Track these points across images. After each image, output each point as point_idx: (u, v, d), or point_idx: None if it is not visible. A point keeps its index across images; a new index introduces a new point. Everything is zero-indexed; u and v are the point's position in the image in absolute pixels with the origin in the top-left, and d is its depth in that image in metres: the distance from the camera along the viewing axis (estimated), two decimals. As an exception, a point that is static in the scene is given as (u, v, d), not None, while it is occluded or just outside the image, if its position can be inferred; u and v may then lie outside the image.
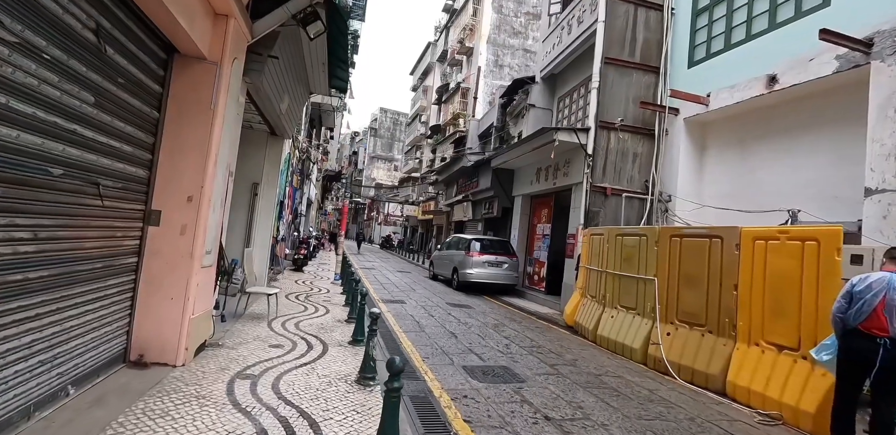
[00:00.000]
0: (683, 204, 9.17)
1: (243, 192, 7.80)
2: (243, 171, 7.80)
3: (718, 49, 8.67)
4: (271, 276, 10.32)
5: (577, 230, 9.86)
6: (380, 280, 13.15)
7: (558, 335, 7.31)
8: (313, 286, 9.93)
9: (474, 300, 10.65)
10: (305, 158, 14.35)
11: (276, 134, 8.10)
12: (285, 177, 11.14)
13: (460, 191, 18.34)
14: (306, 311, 6.99)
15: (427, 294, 10.90)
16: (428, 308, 8.71)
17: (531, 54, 24.43)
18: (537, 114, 13.53)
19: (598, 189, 9.68)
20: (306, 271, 12.78)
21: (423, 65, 38.07)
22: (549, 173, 11.54)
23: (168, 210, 3.83)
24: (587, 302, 7.87)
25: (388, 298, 9.52)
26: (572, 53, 11.79)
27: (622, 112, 9.84)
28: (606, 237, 7.42)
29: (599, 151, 9.74)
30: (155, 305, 3.77)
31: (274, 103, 6.13)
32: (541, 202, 12.88)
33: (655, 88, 10.04)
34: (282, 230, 11.81)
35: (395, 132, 56.48)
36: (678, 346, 5.49)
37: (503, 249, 12.53)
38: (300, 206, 15.46)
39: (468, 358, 5.29)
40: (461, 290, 12.25)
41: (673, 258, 5.84)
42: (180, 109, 3.89)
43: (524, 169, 13.26)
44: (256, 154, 7.89)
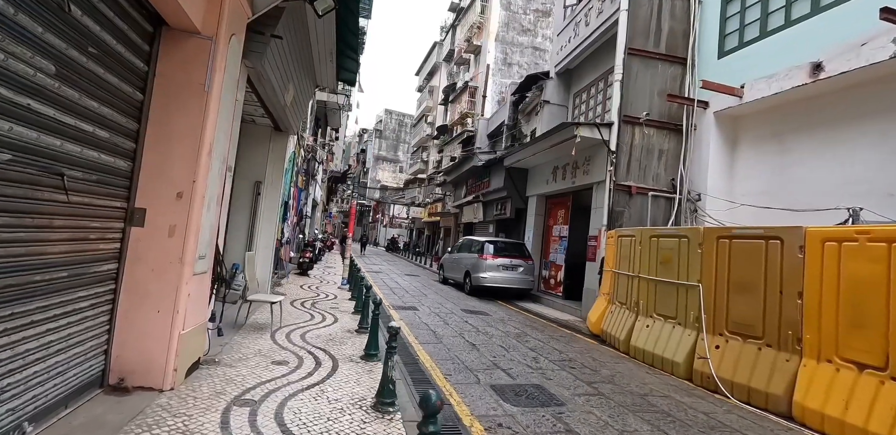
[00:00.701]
0: (714, 203, 8.56)
1: (245, 191, 7.28)
2: (245, 168, 7.28)
3: (753, 37, 8.08)
4: (275, 280, 9.79)
5: (599, 232, 9.26)
6: (388, 284, 12.59)
7: (586, 346, 6.71)
8: (319, 292, 9.38)
9: (489, 306, 10.06)
10: (311, 158, 13.85)
11: (281, 129, 7.57)
12: (290, 176, 10.61)
13: (470, 191, 17.78)
14: (313, 319, 6.43)
15: (439, 299, 10.33)
16: (442, 315, 8.14)
17: (540, 52, 23.90)
18: (552, 110, 12.97)
19: (623, 188, 9.09)
20: (312, 275, 12.25)
21: (428, 65, 37.62)
22: (568, 172, 10.96)
23: (154, 208, 3.29)
24: (615, 309, 7.27)
25: (400, 305, 8.95)
26: (590, 46, 11.22)
27: (647, 106, 9.26)
28: (638, 239, 6.83)
29: (623, 148, 9.15)
30: (139, 319, 3.23)
31: (278, 93, 5.60)
32: (557, 202, 12.30)
33: (682, 81, 9.45)
34: (286, 232, 11.28)
35: (401, 134, 56.06)
36: (730, 361, 4.89)
37: (518, 252, 11.94)
38: (305, 208, 14.95)
39: (495, 375, 4.71)
40: (474, 294, 11.67)
41: (721, 262, 5.24)
42: (169, 91, 3.35)
43: (539, 168, 12.69)
44: (259, 150, 7.37)
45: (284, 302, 7.52)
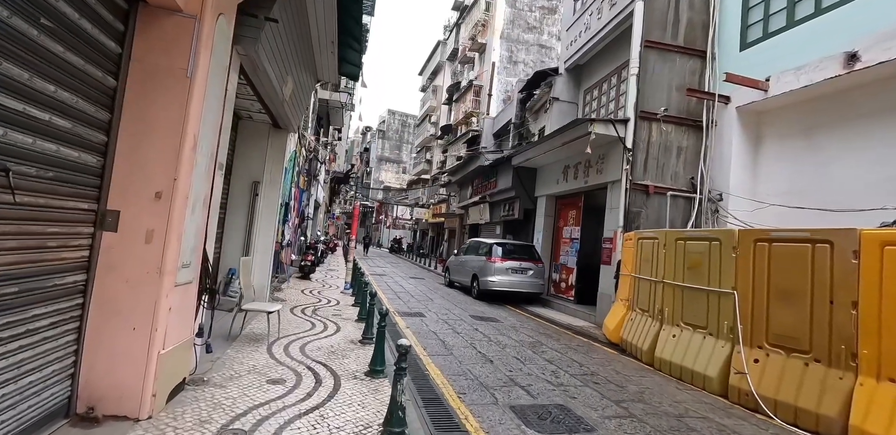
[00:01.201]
0: (737, 203, 8.11)
1: (242, 192, 6.87)
2: (242, 168, 6.88)
3: (779, 27, 7.62)
4: (275, 285, 9.38)
5: (615, 234, 8.81)
6: (393, 288, 12.16)
7: (606, 356, 6.26)
8: (321, 297, 8.96)
9: (499, 311, 9.62)
10: (313, 158, 13.45)
11: (280, 126, 7.16)
12: (291, 176, 10.21)
13: (476, 192, 17.35)
14: (313, 329, 6.01)
15: (446, 305, 9.89)
16: (451, 322, 7.70)
17: (547, 50, 23.47)
18: (562, 108, 12.52)
19: (639, 187, 8.63)
20: (314, 279, 11.84)
21: (432, 64, 37.23)
22: (580, 171, 10.51)
23: (129, 210, 2.87)
24: (636, 316, 6.82)
25: (406, 311, 8.52)
26: (602, 40, 10.78)
27: (665, 101, 8.80)
28: (662, 241, 6.37)
29: (640, 145, 8.70)
30: (111, 338, 2.81)
31: (275, 86, 5.19)
32: (568, 203, 11.85)
33: (701, 75, 8.99)
34: (287, 235, 10.88)
35: (404, 134, 55.69)
36: (772, 376, 4.43)
37: (528, 255, 11.50)
38: (307, 209, 14.54)
39: (514, 393, 4.27)
40: (482, 299, 11.23)
41: (759, 267, 4.79)
42: (146, 77, 2.94)
43: (549, 167, 12.24)
44: (257, 149, 6.96)
45: (284, 309, 7.11)
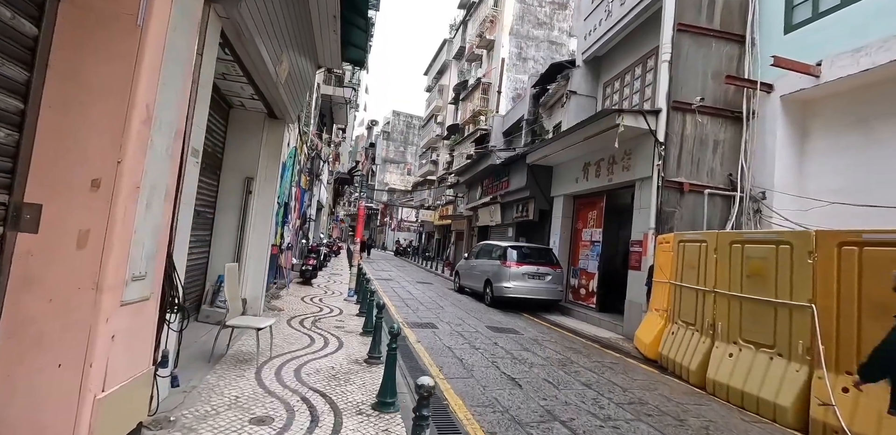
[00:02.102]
0: (783, 201, 7.31)
1: (234, 189, 6.13)
2: (234, 162, 6.14)
3: (832, 5, 6.83)
4: (273, 292, 8.63)
5: (645, 236, 8.01)
6: (400, 295, 11.39)
7: (648, 377, 5.45)
8: (323, 305, 8.20)
9: (516, 321, 8.82)
10: (315, 156, 12.73)
11: (276, 116, 6.43)
12: (290, 174, 9.48)
13: (486, 192, 16.57)
14: (312, 345, 5.24)
15: (459, 313, 9.10)
16: (466, 335, 6.91)
17: (557, 46, 22.72)
18: (579, 102, 11.74)
19: (673, 185, 7.83)
20: (315, 285, 11.08)
21: (438, 63, 36.57)
22: (602, 168, 9.71)
23: (55, 204, 2.12)
24: (678, 330, 6.01)
25: (416, 321, 7.74)
26: (625, 28, 10.00)
27: (699, 90, 8.01)
28: (712, 245, 5.57)
29: (673, 138, 7.90)
30: (28, 376, 2.05)
31: (267, 63, 4.44)
32: (587, 203, 11.04)
33: (739, 61, 8.20)
34: (287, 237, 10.14)
35: (409, 135, 55.06)
36: (868, 410, 3.62)
37: (545, 259, 10.70)
38: (309, 210, 13.82)
39: (556, 432, 3.48)
40: (496, 306, 10.44)
41: (846, 276, 3.98)
42: (81, 24, 2.19)
43: (567, 165, 11.45)
44: (251, 141, 6.22)
45: (280, 320, 6.35)
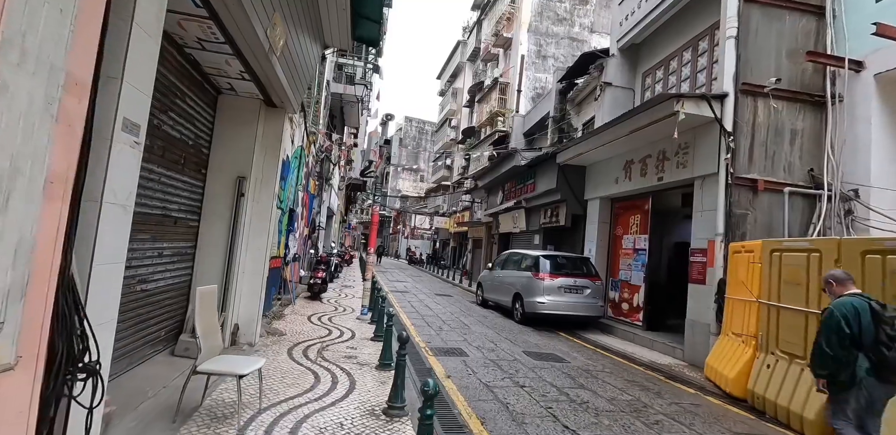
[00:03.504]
0: (883, 199, 6.05)
1: (222, 191, 5.06)
2: (222, 158, 5.09)
3: (945, -39, 5.60)
4: (276, 311, 7.54)
5: (712, 244, 6.75)
6: (419, 310, 10.23)
7: (750, 427, 4.19)
8: (332, 326, 7.07)
9: (555, 343, 7.60)
10: (325, 158, 11.71)
11: (274, 104, 5.38)
12: (296, 176, 8.44)
13: (509, 197, 15.39)
14: (317, 386, 4.11)
15: (488, 334, 7.91)
16: (504, 365, 5.71)
17: (578, 43, 21.60)
18: (615, 94, 10.56)
19: (744, 182, 6.60)
20: (325, 300, 9.98)
21: (451, 66, 35.67)
22: (650, 166, 8.49)
23: None
24: (776, 363, 4.74)
25: (440, 346, 6.57)
26: (671, 8, 8.82)
27: (773, 70, 6.80)
28: (830, 255, 4.32)
29: (743, 128, 6.68)
30: None
31: (255, 24, 3.38)
32: (628, 206, 9.81)
33: (818, 37, 6.98)
34: (292, 247, 9.07)
35: (421, 141, 54.19)
36: None
37: (582, 270, 9.48)
38: (318, 218, 12.78)
39: None
40: (527, 323, 9.22)
41: None
42: None
43: (603, 164, 10.25)
44: (243, 134, 5.16)
45: (279, 350, 5.23)
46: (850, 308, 3.02)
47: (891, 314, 3.01)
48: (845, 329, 2.97)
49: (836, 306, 3.11)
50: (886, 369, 2.90)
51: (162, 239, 4.18)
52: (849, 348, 2.98)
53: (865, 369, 2.95)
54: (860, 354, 2.98)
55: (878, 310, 3.01)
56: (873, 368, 2.94)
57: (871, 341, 2.94)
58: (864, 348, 2.97)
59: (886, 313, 3.00)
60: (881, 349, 2.91)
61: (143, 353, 4.05)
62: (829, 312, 3.14)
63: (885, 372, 2.90)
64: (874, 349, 2.93)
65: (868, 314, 2.99)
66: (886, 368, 2.90)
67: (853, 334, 2.97)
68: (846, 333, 2.97)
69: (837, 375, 3.03)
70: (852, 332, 2.97)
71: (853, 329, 2.97)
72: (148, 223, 3.86)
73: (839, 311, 3.05)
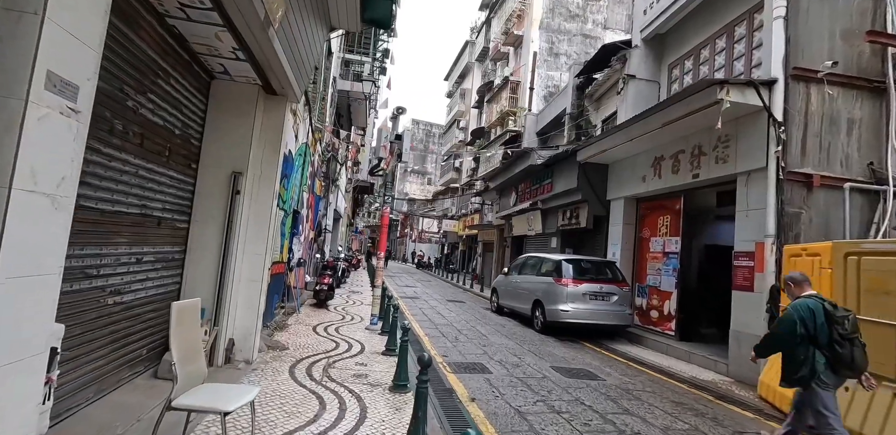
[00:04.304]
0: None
1: (216, 189, 4.47)
2: (215, 151, 4.52)
3: None
4: (279, 321, 6.95)
5: (760, 246, 6.06)
6: (431, 318, 9.59)
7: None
8: (340, 338, 6.46)
9: (583, 356, 6.93)
10: (331, 157, 11.15)
11: (275, 91, 4.80)
12: (301, 175, 7.87)
13: (523, 198, 14.74)
14: (322, 415, 3.49)
15: (509, 345, 7.25)
16: (533, 385, 5.06)
17: (591, 40, 20.95)
18: (639, 87, 9.91)
19: (798, 178, 5.92)
20: (332, 307, 9.37)
21: (459, 67, 35.16)
22: (683, 162, 7.82)
23: None
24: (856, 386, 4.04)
25: (459, 361, 5.92)
26: (701, -8, 8.18)
27: (826, 53, 6.13)
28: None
29: (794, 117, 6.01)
30: None
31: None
32: (657, 206, 9.13)
33: (875, 16, 6.30)
34: (297, 252, 8.49)
35: (429, 144, 53.77)
36: None
37: (609, 275, 8.80)
38: (325, 220, 12.21)
39: None
40: (548, 333, 8.56)
41: None
42: None
43: (628, 162, 9.59)
44: (239, 124, 4.58)
45: (280, 368, 4.62)
46: (807, 310, 3.27)
47: (841, 314, 3.27)
48: (799, 329, 3.24)
49: (794, 308, 3.35)
50: (840, 364, 3.21)
51: (142, 243, 3.60)
52: (806, 346, 3.25)
53: (822, 364, 3.24)
54: (817, 350, 3.24)
55: (830, 311, 3.27)
56: (828, 363, 3.24)
57: (826, 340, 3.21)
58: (820, 346, 3.23)
59: (838, 314, 3.26)
60: (835, 347, 3.20)
61: (119, 375, 3.45)
62: (788, 312, 3.39)
63: (839, 366, 3.22)
64: (829, 347, 3.21)
65: (822, 315, 3.25)
66: (840, 362, 3.21)
67: (809, 335, 3.24)
68: (800, 333, 3.24)
69: (799, 371, 3.28)
70: (808, 333, 3.24)
71: (809, 330, 3.24)
72: (122, 224, 3.28)
73: (797, 313, 3.29)
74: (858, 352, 3.21)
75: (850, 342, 3.20)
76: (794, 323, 3.26)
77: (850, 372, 3.25)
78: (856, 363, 3.20)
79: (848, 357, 3.17)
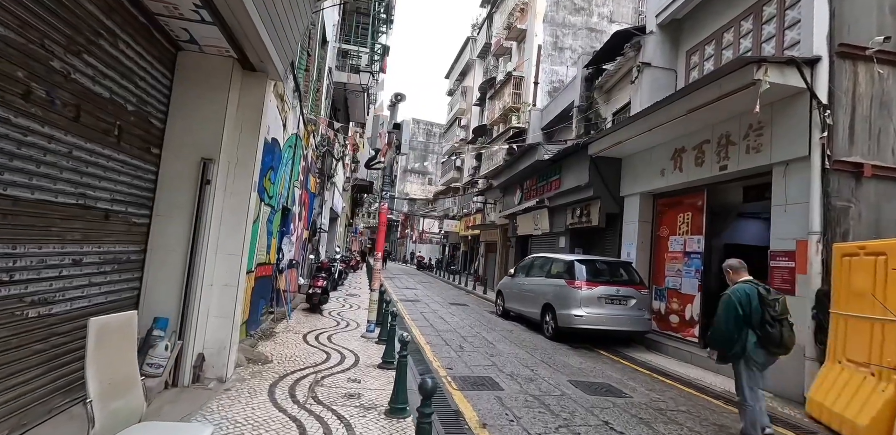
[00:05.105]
0: None
1: (182, 177, 3.82)
2: (181, 134, 3.88)
3: None
4: (265, 329, 6.30)
5: (803, 244, 5.40)
6: (433, 323, 8.93)
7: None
8: (332, 348, 5.80)
9: (602, 367, 6.27)
10: (326, 152, 10.50)
11: (252, 66, 4.16)
12: (290, 169, 7.22)
13: (528, 196, 14.09)
14: (301, 454, 2.83)
15: (518, 354, 6.60)
16: (551, 404, 4.40)
17: (597, 34, 20.29)
18: (655, 76, 9.25)
19: (846, 168, 5.27)
20: (326, 312, 8.72)
21: (460, 64, 34.51)
22: (708, 153, 7.17)
23: None
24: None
25: (466, 374, 5.26)
26: (725, -30, 7.54)
27: (876, 29, 5.48)
28: None
29: (841, 100, 5.36)
30: None
31: None
32: (674, 202, 8.48)
33: (928, -13, 5.65)
34: (287, 252, 7.84)
35: (429, 144, 53.13)
36: None
37: (625, 277, 8.14)
38: (320, 219, 11.56)
39: None
40: (560, 339, 7.89)
41: None
42: None
43: (644, 155, 8.94)
44: (209, 102, 3.93)
45: (260, 385, 3.96)
46: (744, 294, 3.56)
47: (773, 298, 3.56)
48: (739, 311, 3.52)
49: (732, 292, 3.64)
50: (769, 342, 3.50)
51: (83, 241, 2.95)
52: (741, 326, 3.55)
53: (753, 343, 3.53)
54: (749, 330, 3.54)
55: (764, 295, 3.57)
56: (759, 341, 3.53)
57: (759, 320, 3.50)
58: (753, 326, 3.52)
59: (770, 297, 3.56)
60: (766, 327, 3.49)
61: (49, 405, 2.80)
62: (727, 296, 3.66)
63: (769, 345, 3.52)
64: (761, 327, 3.50)
65: (756, 298, 3.54)
66: (770, 341, 3.50)
67: (745, 315, 3.52)
68: (739, 315, 3.52)
69: (732, 348, 3.57)
70: (744, 313, 3.52)
71: (745, 311, 3.52)
72: (51, 217, 2.63)
73: (735, 296, 3.58)
74: (787, 331, 3.52)
75: (780, 323, 3.51)
76: (734, 306, 3.56)
77: (778, 349, 3.57)
78: (784, 341, 3.52)
79: (777, 336, 3.49)
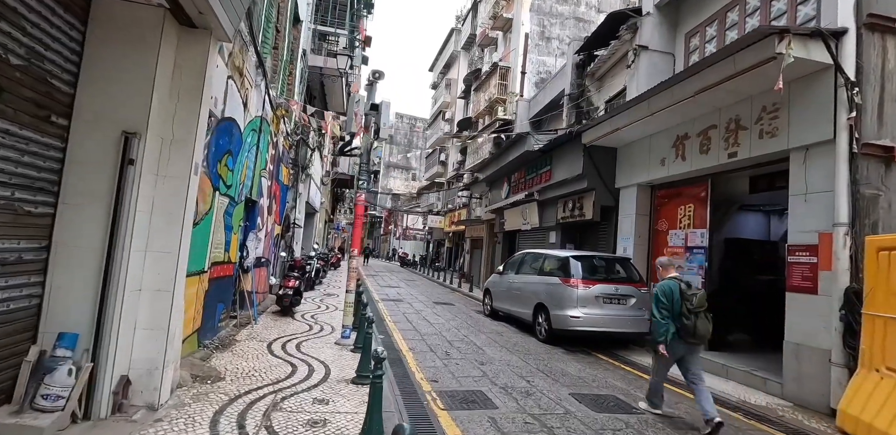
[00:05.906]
0: None
1: (96, 154, 3.04)
2: (97, 102, 3.09)
3: None
4: (226, 336, 5.52)
5: (826, 237, 4.86)
6: (416, 326, 8.24)
7: None
8: (299, 358, 5.05)
9: (601, 374, 5.67)
10: (300, 140, 9.67)
11: (192, 22, 3.38)
12: (254, 156, 6.42)
13: (516, 189, 13.45)
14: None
15: (511, 361, 5.95)
16: (551, 424, 3.75)
17: (585, 23, 19.74)
18: (652, 59, 8.67)
19: (875, 152, 4.73)
20: (298, 315, 7.95)
21: (444, 56, 33.68)
22: (715, 139, 6.60)
23: None
24: None
25: (453, 389, 4.58)
26: (731, -57, 6.96)
27: (907, -2, 4.93)
28: None
29: (869, 76, 4.81)
30: None
31: None
32: (674, 194, 7.92)
33: (961, -46, 5.12)
34: (252, 249, 7.04)
35: (413, 138, 52.23)
36: None
37: (623, 274, 7.57)
38: (294, 213, 10.73)
39: None
40: (553, 342, 7.29)
41: None
42: None
43: (642, 143, 8.36)
44: (132, 62, 3.15)
45: (202, 410, 3.22)
46: (668, 288, 4.12)
47: (692, 293, 4.06)
48: (664, 301, 4.07)
49: (659, 287, 4.19)
50: (686, 333, 3.99)
51: (-63, 234, 2.17)
52: (667, 317, 4.06)
53: (673, 333, 4.04)
54: (671, 321, 4.05)
55: (684, 289, 4.08)
56: (678, 332, 4.03)
57: (678, 312, 4.02)
58: (674, 317, 4.04)
59: (689, 292, 4.07)
60: (682, 319, 4.00)
61: None
62: (655, 291, 4.18)
63: (685, 334, 4.00)
64: (679, 319, 4.02)
65: (678, 293, 4.07)
66: (686, 331, 3.99)
67: (668, 307, 4.06)
68: (664, 305, 4.07)
69: (658, 337, 4.07)
70: (667, 305, 4.06)
71: (668, 303, 4.06)
72: None
73: (660, 290, 4.14)
74: (702, 323, 3.96)
75: (696, 315, 3.95)
76: (658, 298, 4.08)
77: (693, 339, 3.99)
78: (698, 332, 3.95)
79: (692, 327, 3.94)
